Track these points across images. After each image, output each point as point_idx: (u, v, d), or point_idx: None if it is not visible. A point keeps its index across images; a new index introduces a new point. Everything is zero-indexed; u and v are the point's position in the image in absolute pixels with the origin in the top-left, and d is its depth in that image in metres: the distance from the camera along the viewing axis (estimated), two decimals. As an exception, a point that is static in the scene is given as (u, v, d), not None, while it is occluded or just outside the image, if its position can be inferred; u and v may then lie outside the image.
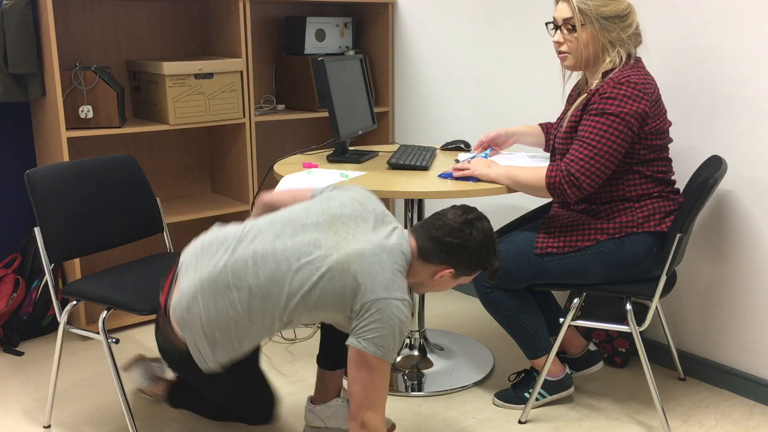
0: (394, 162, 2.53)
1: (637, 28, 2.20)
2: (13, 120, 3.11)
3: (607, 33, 2.16)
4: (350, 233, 1.76)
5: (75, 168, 2.38)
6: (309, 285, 1.72)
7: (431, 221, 1.83)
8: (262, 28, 3.60)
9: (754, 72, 2.36)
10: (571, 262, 2.21)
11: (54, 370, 2.30)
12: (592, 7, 2.14)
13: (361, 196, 1.87)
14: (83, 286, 2.27)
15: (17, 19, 2.79)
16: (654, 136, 2.16)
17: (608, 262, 2.19)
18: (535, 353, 2.38)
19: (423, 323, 2.77)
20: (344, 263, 1.70)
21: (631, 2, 2.19)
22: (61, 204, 2.30)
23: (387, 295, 1.69)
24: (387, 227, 1.82)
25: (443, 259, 1.81)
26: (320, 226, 1.77)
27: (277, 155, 3.78)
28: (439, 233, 1.80)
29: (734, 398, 2.54)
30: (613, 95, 2.10)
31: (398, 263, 1.75)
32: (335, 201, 1.84)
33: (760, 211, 2.42)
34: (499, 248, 1.88)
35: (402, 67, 3.64)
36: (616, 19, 2.15)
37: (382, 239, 1.76)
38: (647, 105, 2.11)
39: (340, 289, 1.70)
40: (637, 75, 2.13)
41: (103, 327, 2.17)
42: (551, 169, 2.15)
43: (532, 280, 2.28)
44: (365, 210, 1.83)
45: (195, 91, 3.08)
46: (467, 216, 1.81)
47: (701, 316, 2.64)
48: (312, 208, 1.83)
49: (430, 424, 2.37)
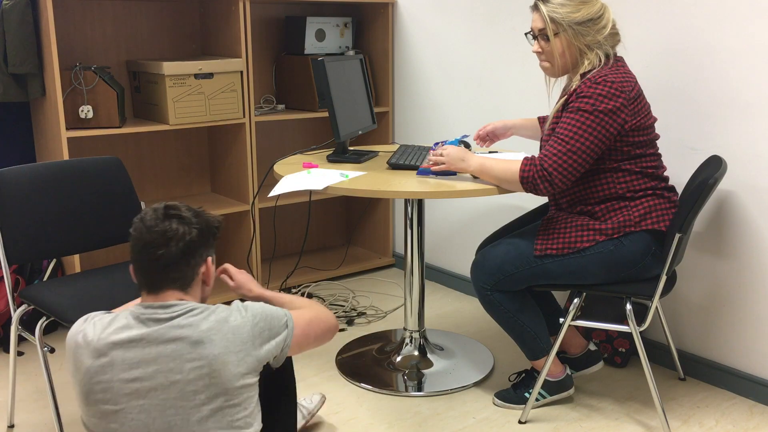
0: (394, 162, 2.53)
1: (613, 28, 2.20)
2: (13, 120, 3.11)
3: (582, 37, 2.17)
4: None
5: (51, 169, 2.36)
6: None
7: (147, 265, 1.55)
8: (262, 28, 3.60)
9: (754, 72, 2.36)
10: (571, 263, 2.21)
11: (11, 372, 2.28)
12: (563, 14, 2.15)
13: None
14: (37, 290, 2.23)
15: (17, 19, 2.79)
16: (636, 133, 2.17)
17: (608, 263, 2.19)
18: (536, 354, 2.37)
19: (423, 323, 2.77)
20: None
21: (604, 2, 2.20)
22: (28, 205, 2.27)
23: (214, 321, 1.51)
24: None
25: (186, 267, 1.55)
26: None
27: (277, 155, 3.78)
28: (155, 262, 1.52)
29: (734, 398, 2.54)
30: (588, 94, 2.12)
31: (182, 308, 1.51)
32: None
33: (760, 211, 2.42)
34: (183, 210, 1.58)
35: (402, 67, 3.64)
36: (589, 23, 2.16)
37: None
38: (624, 102, 2.11)
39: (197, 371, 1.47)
40: (614, 74, 2.14)
41: (40, 334, 2.14)
42: (525, 163, 2.16)
43: (532, 282, 2.27)
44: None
45: (195, 91, 3.08)
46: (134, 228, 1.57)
47: (701, 316, 2.63)
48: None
49: (430, 424, 2.37)
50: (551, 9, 2.17)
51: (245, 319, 1.52)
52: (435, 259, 3.68)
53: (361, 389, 2.60)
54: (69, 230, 2.37)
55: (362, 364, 2.76)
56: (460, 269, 3.56)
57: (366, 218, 4.00)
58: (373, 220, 3.95)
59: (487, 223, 3.36)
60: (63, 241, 2.35)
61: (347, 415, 2.44)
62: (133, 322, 1.49)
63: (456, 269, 3.58)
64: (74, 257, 2.93)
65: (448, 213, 3.56)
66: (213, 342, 1.46)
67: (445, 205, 3.56)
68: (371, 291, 3.56)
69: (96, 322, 1.52)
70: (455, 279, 3.57)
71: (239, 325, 1.50)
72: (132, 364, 1.45)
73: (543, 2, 2.20)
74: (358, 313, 3.28)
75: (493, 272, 2.28)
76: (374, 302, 3.41)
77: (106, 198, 2.45)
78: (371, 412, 2.46)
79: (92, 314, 1.57)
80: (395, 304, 3.39)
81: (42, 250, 2.33)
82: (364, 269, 3.81)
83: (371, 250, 4.00)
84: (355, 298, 3.45)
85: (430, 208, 3.64)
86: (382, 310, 3.32)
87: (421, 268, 2.71)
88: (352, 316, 3.24)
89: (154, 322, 1.48)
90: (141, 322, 1.48)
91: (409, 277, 2.72)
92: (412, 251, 2.69)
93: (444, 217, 3.58)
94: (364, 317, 3.24)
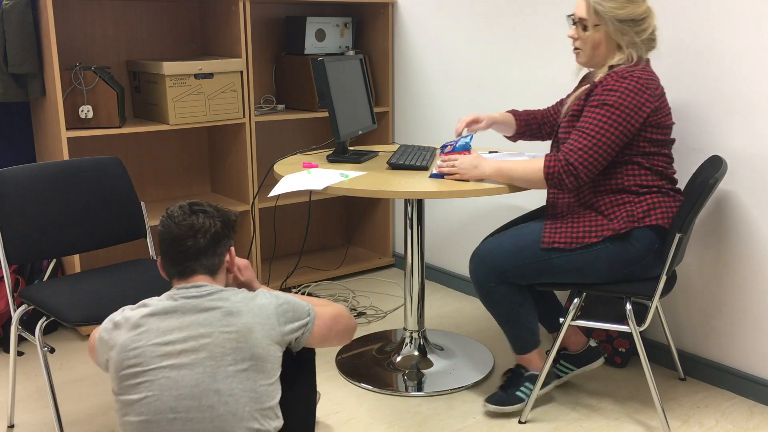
0: (394, 162, 2.53)
1: (652, 33, 2.21)
2: (13, 120, 3.11)
3: (621, 35, 2.17)
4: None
5: (51, 169, 2.36)
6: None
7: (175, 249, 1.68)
8: (262, 28, 3.60)
9: (755, 72, 2.36)
10: (578, 259, 2.21)
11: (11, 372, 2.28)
12: (609, 9, 2.15)
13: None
14: (37, 290, 2.23)
15: (17, 19, 2.79)
16: (654, 129, 2.18)
17: (612, 259, 2.19)
18: (526, 348, 2.39)
19: (423, 323, 2.77)
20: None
21: (650, 7, 2.20)
22: (28, 205, 2.27)
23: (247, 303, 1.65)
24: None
25: (214, 256, 1.69)
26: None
27: (277, 155, 3.77)
28: (185, 253, 1.66)
29: (734, 398, 2.54)
30: (614, 87, 2.12)
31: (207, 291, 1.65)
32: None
33: (760, 211, 2.42)
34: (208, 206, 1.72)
35: (402, 67, 3.64)
36: (631, 22, 2.16)
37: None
38: (649, 99, 2.13)
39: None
40: (641, 71, 2.15)
41: (40, 334, 2.14)
42: (549, 159, 2.16)
43: (537, 277, 2.26)
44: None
45: (195, 91, 3.08)
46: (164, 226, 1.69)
47: (701, 316, 2.63)
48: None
49: (430, 424, 2.37)
50: (598, 1, 2.16)
51: (270, 299, 1.67)
52: (435, 259, 3.68)
53: (361, 389, 2.60)
54: (69, 230, 2.37)
55: (362, 364, 2.76)
56: (460, 269, 3.56)
57: (366, 218, 4.00)
58: (373, 220, 3.95)
59: (487, 223, 3.36)
60: (63, 241, 2.35)
61: (347, 415, 2.44)
62: (168, 301, 1.63)
63: (456, 269, 3.58)
64: (74, 257, 2.93)
65: (448, 213, 3.56)
66: (242, 313, 1.60)
67: (445, 205, 3.56)
68: (371, 291, 3.56)
69: (132, 306, 1.66)
70: (455, 279, 3.57)
71: (265, 303, 1.65)
72: (166, 330, 1.58)
73: None
74: (358, 313, 3.28)
75: (499, 264, 2.27)
76: (374, 302, 3.41)
77: (106, 198, 2.44)
78: (371, 412, 2.46)
79: (123, 308, 1.68)
80: (395, 304, 3.39)
81: (42, 250, 2.33)
82: (364, 269, 3.81)
83: (371, 250, 4.00)
84: (355, 298, 3.46)
85: (430, 208, 3.64)
86: (382, 310, 3.32)
87: (421, 268, 2.71)
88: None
89: (187, 299, 1.62)
90: (175, 300, 1.62)
91: (409, 277, 2.72)
92: (412, 251, 2.69)
93: (444, 217, 3.58)
94: (364, 317, 3.24)
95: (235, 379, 1.56)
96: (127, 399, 1.57)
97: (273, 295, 1.69)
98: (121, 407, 1.59)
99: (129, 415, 1.57)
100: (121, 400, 1.59)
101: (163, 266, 1.71)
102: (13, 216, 2.25)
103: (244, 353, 1.57)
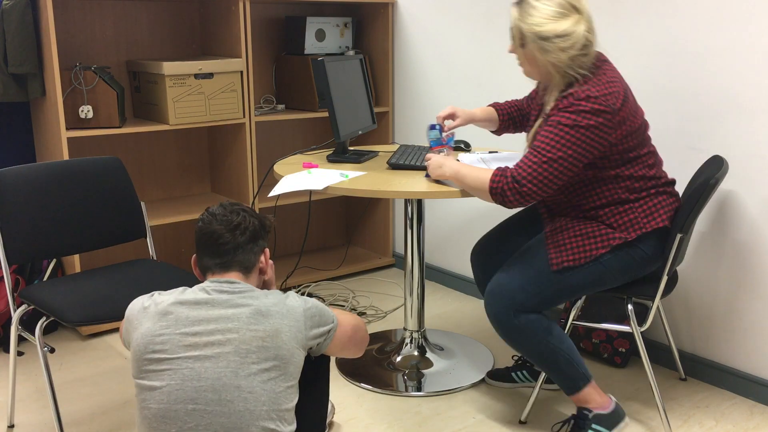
0: (394, 162, 2.53)
1: (584, 49, 2.02)
2: (13, 120, 3.11)
3: (544, 53, 2.02)
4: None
5: (51, 169, 2.36)
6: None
7: (213, 247, 1.72)
8: (262, 28, 3.60)
9: (755, 72, 2.36)
10: (591, 272, 2.12)
11: (11, 372, 2.28)
12: (529, 25, 2.02)
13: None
14: (37, 290, 2.23)
15: (17, 19, 2.79)
16: (626, 140, 2.07)
17: (625, 267, 2.13)
18: (577, 383, 2.16)
19: (423, 323, 2.77)
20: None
21: (579, 20, 2.01)
22: (28, 205, 2.27)
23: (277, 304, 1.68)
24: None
25: (251, 253, 1.74)
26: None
27: (277, 155, 3.78)
28: (224, 246, 1.70)
29: (734, 398, 2.54)
30: (571, 109, 2.00)
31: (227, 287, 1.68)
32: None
33: (761, 211, 2.42)
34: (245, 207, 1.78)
35: (402, 67, 3.64)
36: (554, 38, 2.00)
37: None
38: (608, 118, 2.00)
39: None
40: (597, 86, 2.01)
41: (40, 334, 2.14)
42: (496, 173, 2.06)
43: (556, 301, 2.14)
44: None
45: (195, 91, 3.08)
46: (202, 222, 1.75)
47: (702, 316, 2.63)
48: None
49: (430, 424, 2.37)
50: (520, 18, 2.04)
51: (299, 302, 1.68)
52: (435, 259, 3.68)
53: (360, 389, 2.60)
54: (69, 230, 2.36)
55: (362, 364, 2.76)
56: (460, 269, 3.56)
57: (366, 218, 4.00)
58: (373, 220, 3.95)
59: (486, 223, 3.36)
60: (63, 241, 2.35)
61: (347, 415, 2.44)
62: (200, 292, 1.64)
63: (456, 269, 3.58)
64: (74, 257, 2.93)
65: (448, 213, 3.56)
66: (271, 314, 1.62)
67: (445, 205, 3.56)
68: (371, 291, 3.56)
69: (164, 294, 1.68)
70: (455, 279, 3.57)
71: (295, 306, 1.67)
72: (194, 321, 1.59)
73: (517, 7, 2.07)
74: (358, 313, 3.28)
75: (514, 295, 2.12)
76: (374, 302, 3.41)
77: (106, 198, 2.44)
78: (371, 412, 2.46)
79: (158, 292, 1.72)
80: (395, 304, 3.39)
81: (42, 250, 2.33)
82: (364, 269, 3.81)
83: (371, 250, 4.00)
84: (355, 298, 3.45)
85: (430, 208, 3.64)
86: (382, 310, 3.32)
87: (421, 268, 2.71)
88: (352, 316, 3.24)
89: (219, 293, 1.64)
90: (207, 293, 1.64)
91: (409, 277, 2.72)
92: (412, 251, 2.69)
93: (444, 217, 3.58)
94: (364, 317, 3.24)
95: (257, 377, 1.57)
96: (148, 384, 1.58)
97: (302, 299, 1.71)
98: (140, 392, 1.60)
99: (148, 401, 1.58)
100: (140, 384, 1.60)
101: (198, 261, 1.74)
102: (13, 216, 2.25)
103: (269, 353, 1.59)
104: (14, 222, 2.25)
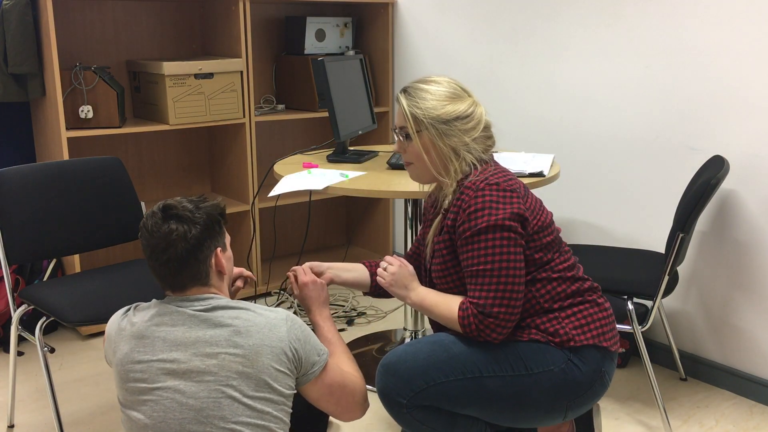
0: (394, 162, 2.53)
1: (486, 130, 1.83)
2: (13, 120, 3.11)
3: (447, 137, 1.79)
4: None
5: (51, 169, 2.36)
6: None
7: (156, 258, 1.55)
8: (262, 28, 3.60)
9: (755, 72, 2.36)
10: (515, 382, 1.72)
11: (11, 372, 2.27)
12: (426, 110, 1.78)
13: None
14: (37, 290, 2.23)
15: (17, 18, 2.79)
16: (541, 234, 1.77)
17: (556, 385, 1.73)
18: None
19: (423, 323, 2.77)
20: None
21: (476, 99, 1.85)
22: (28, 205, 2.27)
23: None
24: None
25: (196, 264, 1.56)
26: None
27: (277, 155, 3.77)
28: (165, 266, 1.54)
29: (734, 398, 2.54)
30: (479, 206, 1.71)
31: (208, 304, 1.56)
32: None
33: (762, 210, 2.42)
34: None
35: (402, 67, 3.64)
36: (456, 121, 1.79)
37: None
38: (520, 202, 1.73)
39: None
40: (494, 175, 1.76)
41: (40, 334, 2.14)
42: (461, 316, 1.72)
43: (460, 403, 1.73)
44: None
45: (195, 91, 3.08)
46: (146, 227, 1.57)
47: (702, 316, 2.63)
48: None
49: (430, 424, 2.37)
50: (413, 103, 1.80)
51: (281, 320, 1.55)
52: (435, 259, 3.68)
53: (361, 389, 2.60)
54: (69, 230, 2.36)
55: (362, 364, 2.74)
56: (460, 269, 3.55)
57: (366, 218, 3.99)
58: (373, 220, 3.95)
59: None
60: (63, 241, 2.35)
61: (347, 415, 2.43)
62: (175, 311, 1.53)
63: (456, 269, 3.57)
64: (74, 257, 2.93)
65: (448, 213, 3.56)
66: (250, 333, 1.50)
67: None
68: (371, 291, 3.56)
69: (139, 311, 1.58)
70: (455, 279, 3.56)
71: (276, 324, 1.53)
72: (171, 345, 1.50)
73: (404, 94, 1.83)
74: (358, 313, 3.28)
75: (413, 379, 1.71)
76: (374, 302, 3.41)
77: (106, 198, 2.44)
78: (371, 412, 2.45)
79: (135, 304, 1.61)
80: (395, 304, 3.39)
81: (42, 250, 2.33)
82: (364, 269, 3.81)
83: (371, 250, 3.99)
84: (355, 298, 3.45)
85: (430, 208, 3.64)
86: (382, 310, 3.32)
87: (422, 268, 2.70)
88: (352, 316, 3.24)
89: (194, 311, 1.52)
90: (182, 312, 1.52)
91: (409, 277, 2.71)
92: (412, 251, 2.68)
93: (444, 217, 3.58)
94: (364, 317, 3.24)
95: (240, 406, 1.47)
96: (134, 416, 1.52)
97: (289, 317, 1.56)
98: (126, 420, 1.55)
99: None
100: (127, 413, 1.54)
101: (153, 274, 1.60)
102: (13, 216, 2.25)
103: (250, 377, 1.48)
104: (14, 222, 2.25)
